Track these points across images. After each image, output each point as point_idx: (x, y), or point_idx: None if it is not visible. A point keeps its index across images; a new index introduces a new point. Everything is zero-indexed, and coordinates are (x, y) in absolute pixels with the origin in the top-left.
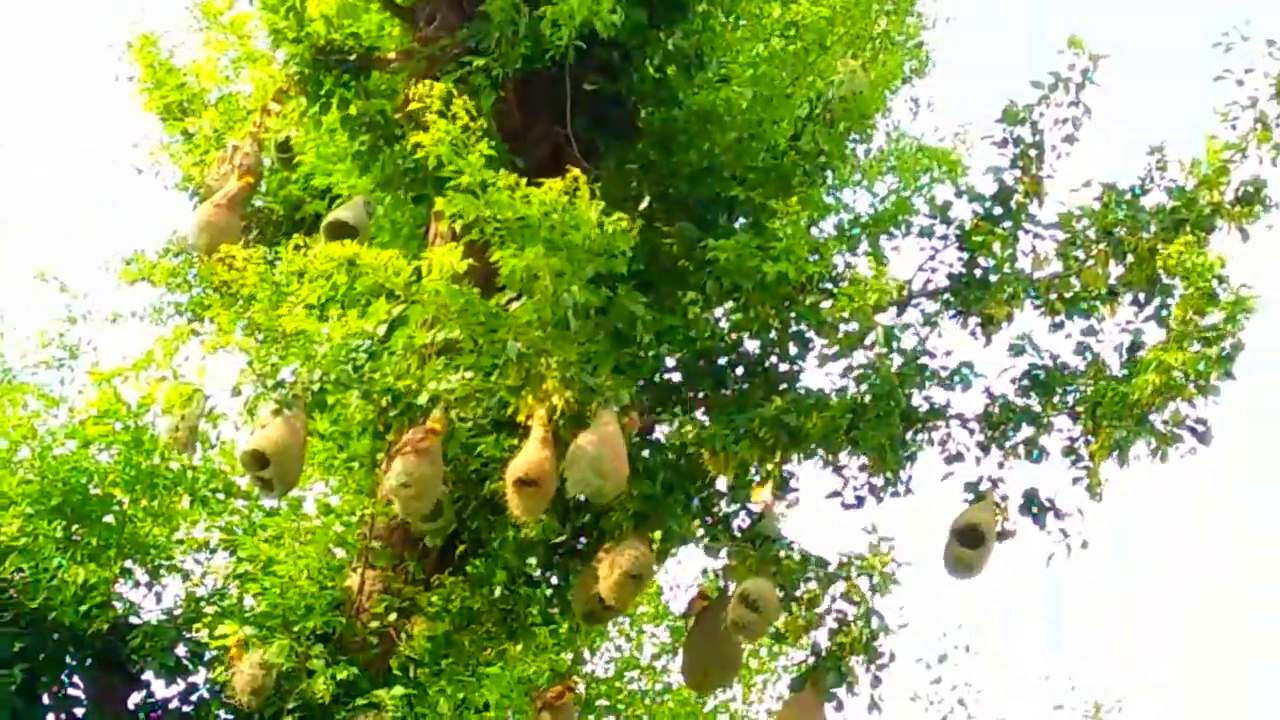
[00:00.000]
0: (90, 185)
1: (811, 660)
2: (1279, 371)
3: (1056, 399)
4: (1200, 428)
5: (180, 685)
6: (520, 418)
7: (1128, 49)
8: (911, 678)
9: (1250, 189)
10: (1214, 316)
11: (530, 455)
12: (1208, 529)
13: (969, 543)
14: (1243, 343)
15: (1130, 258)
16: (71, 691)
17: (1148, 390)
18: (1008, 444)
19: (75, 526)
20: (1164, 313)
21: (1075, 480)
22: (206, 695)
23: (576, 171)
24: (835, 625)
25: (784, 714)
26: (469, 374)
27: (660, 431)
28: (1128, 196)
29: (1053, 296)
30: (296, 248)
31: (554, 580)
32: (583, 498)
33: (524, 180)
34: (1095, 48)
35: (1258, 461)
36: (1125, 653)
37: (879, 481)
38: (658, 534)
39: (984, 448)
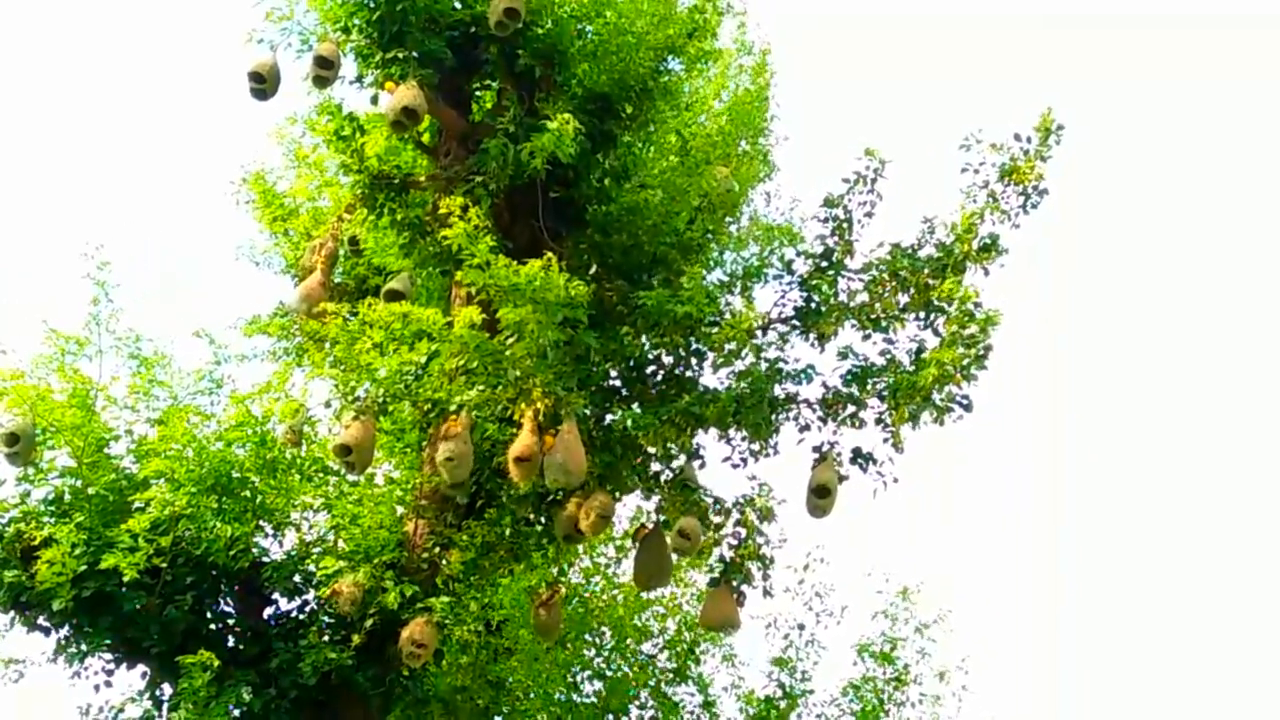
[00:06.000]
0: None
1: (720, 566)
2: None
3: (869, 387)
4: (965, 401)
5: (298, 601)
6: (516, 416)
7: (905, 151)
8: (786, 579)
9: (988, 241)
10: (971, 328)
11: (523, 442)
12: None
13: (821, 495)
14: (991, 345)
15: (912, 291)
16: (224, 609)
17: (930, 379)
18: (839, 418)
19: (224, 499)
20: (936, 327)
21: (884, 440)
22: (315, 607)
23: (550, 255)
24: (735, 542)
25: (707, 603)
26: (482, 389)
27: (609, 420)
28: (908, 250)
29: (863, 319)
30: (366, 307)
31: (543, 521)
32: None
33: (514, 259)
34: (883, 154)
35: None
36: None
37: (756, 447)
38: (611, 487)
39: (824, 421)
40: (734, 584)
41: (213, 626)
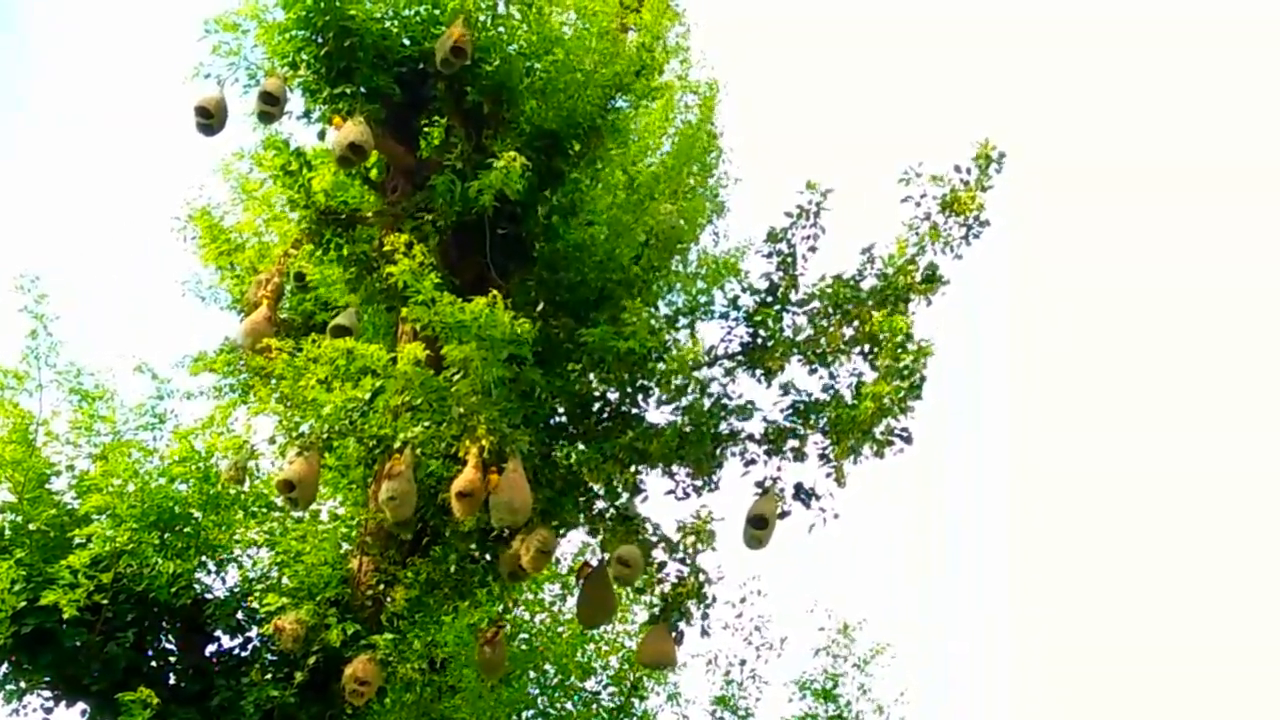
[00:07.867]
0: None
1: (660, 603)
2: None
3: (812, 421)
4: (905, 434)
5: (240, 639)
6: (460, 453)
7: (845, 183)
8: (724, 614)
9: (929, 272)
10: (905, 360)
11: (466, 477)
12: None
13: (758, 526)
14: (926, 376)
15: (856, 324)
16: (166, 646)
17: (868, 413)
18: (782, 453)
19: (166, 535)
20: (875, 361)
21: (827, 475)
22: (258, 644)
23: (496, 292)
24: (675, 580)
25: (644, 640)
26: (427, 425)
27: (554, 455)
28: (849, 282)
29: (809, 353)
30: (310, 343)
31: (487, 558)
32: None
33: (460, 296)
34: (824, 186)
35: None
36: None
37: (699, 483)
38: (554, 522)
39: (768, 456)
40: (672, 622)
41: (154, 664)
